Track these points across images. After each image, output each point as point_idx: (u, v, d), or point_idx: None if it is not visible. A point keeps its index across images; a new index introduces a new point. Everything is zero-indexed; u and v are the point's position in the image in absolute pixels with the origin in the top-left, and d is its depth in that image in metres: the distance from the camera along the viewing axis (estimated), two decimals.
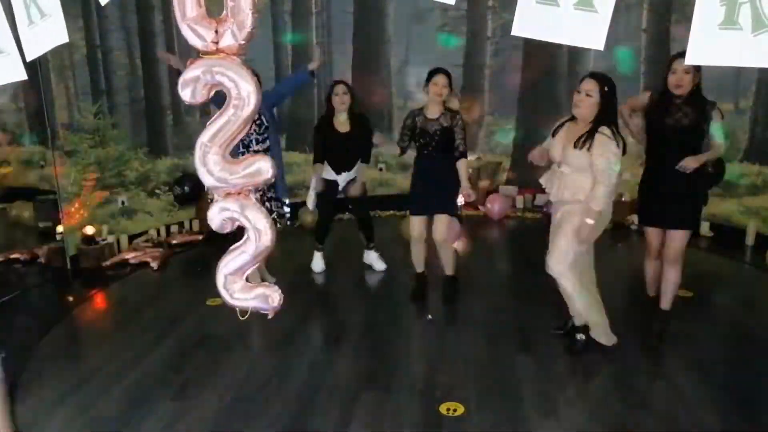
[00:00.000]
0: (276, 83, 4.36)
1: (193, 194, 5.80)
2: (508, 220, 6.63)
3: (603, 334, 3.48)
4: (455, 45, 6.75)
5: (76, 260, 5.08)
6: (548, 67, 6.51)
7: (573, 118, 3.33)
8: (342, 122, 4.61)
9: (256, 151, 4.28)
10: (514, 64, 6.67)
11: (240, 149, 4.00)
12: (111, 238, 5.33)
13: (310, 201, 4.77)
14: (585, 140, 3.16)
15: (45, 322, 4.09)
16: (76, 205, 5.17)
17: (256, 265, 1.58)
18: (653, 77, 6.07)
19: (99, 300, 4.63)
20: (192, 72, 1.41)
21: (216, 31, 1.39)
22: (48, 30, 1.73)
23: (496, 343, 3.68)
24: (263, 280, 4.66)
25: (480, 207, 6.76)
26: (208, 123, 1.45)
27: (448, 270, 4.36)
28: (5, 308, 4.38)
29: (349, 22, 6.61)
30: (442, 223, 4.11)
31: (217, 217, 1.53)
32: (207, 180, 1.48)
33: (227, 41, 1.40)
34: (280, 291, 1.58)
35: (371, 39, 6.71)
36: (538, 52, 6.35)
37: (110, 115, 5.46)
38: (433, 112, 4.03)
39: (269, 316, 1.59)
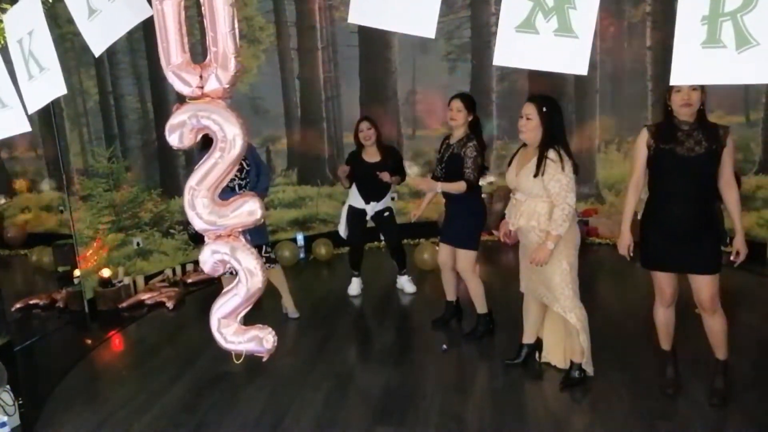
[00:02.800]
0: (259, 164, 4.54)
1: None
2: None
3: (590, 362, 3.40)
4: (461, 73, 6.80)
5: (93, 303, 5.13)
6: (555, 89, 6.51)
7: (525, 144, 3.37)
8: (371, 153, 4.77)
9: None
10: (521, 87, 6.68)
11: (227, 194, 4.07)
12: (127, 280, 5.38)
13: (342, 229, 5.01)
14: (538, 167, 3.15)
15: (62, 366, 4.11)
16: (92, 249, 5.24)
17: (249, 308, 1.57)
18: (660, 95, 6.03)
19: (116, 342, 4.65)
20: (178, 117, 1.43)
21: (200, 76, 1.41)
22: (47, 83, 1.77)
23: (513, 371, 3.61)
24: (287, 314, 4.71)
25: (494, 231, 6.69)
26: (195, 166, 1.46)
27: (478, 307, 4.13)
28: (24, 354, 4.41)
29: (355, 55, 6.70)
30: (461, 256, 4.05)
31: (209, 259, 1.54)
32: (197, 223, 1.48)
33: (212, 85, 1.42)
34: (273, 333, 1.56)
35: (377, 71, 6.79)
36: (543, 74, 6.35)
37: (123, 159, 5.56)
38: (454, 137, 4.00)
39: (264, 359, 1.57)
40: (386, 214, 4.94)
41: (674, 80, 1.37)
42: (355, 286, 5.18)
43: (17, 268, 6.01)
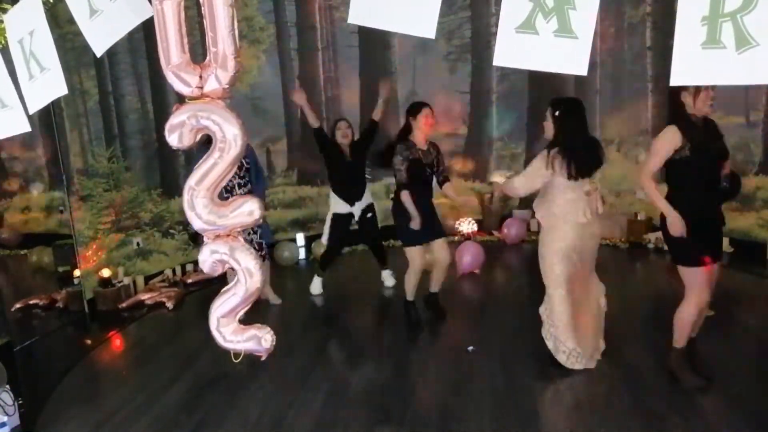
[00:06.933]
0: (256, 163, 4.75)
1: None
2: (524, 244, 6.56)
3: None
4: (461, 73, 6.81)
5: (93, 303, 5.13)
6: (555, 90, 6.51)
7: None
8: (346, 153, 4.83)
9: (239, 194, 4.56)
10: (520, 88, 6.69)
11: (224, 194, 4.17)
12: (127, 280, 5.38)
13: (325, 235, 5.04)
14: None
15: (63, 367, 4.11)
16: (93, 249, 5.24)
17: (248, 307, 1.57)
18: (660, 95, 6.04)
19: (116, 342, 4.65)
20: (178, 117, 1.43)
21: (200, 77, 1.41)
22: (47, 83, 1.77)
23: (513, 370, 3.61)
24: (268, 300, 4.85)
25: (494, 232, 6.71)
26: (195, 167, 1.46)
27: (436, 287, 4.50)
28: (24, 354, 4.41)
29: (355, 56, 6.70)
30: (446, 244, 4.32)
31: (208, 259, 1.54)
32: (196, 223, 1.48)
33: (211, 86, 1.42)
34: (272, 332, 1.56)
35: (377, 71, 6.78)
36: (543, 75, 6.36)
37: (123, 159, 5.56)
38: (422, 143, 4.17)
39: (262, 358, 1.57)
40: (369, 215, 4.98)
41: (674, 81, 1.37)
42: (316, 285, 5.20)
43: (17, 269, 6.01)
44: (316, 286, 5.20)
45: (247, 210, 1.47)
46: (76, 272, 5.16)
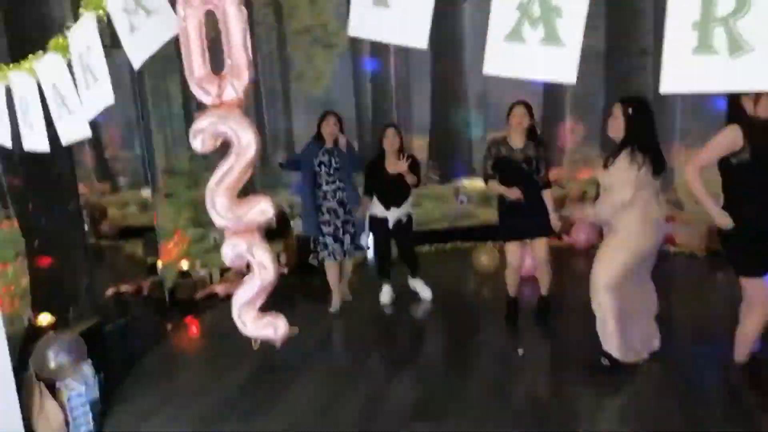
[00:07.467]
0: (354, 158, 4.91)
1: (279, 229, 6.14)
2: (594, 250, 6.35)
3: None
4: None
5: (173, 292, 5.54)
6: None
7: None
8: (391, 162, 4.76)
9: (326, 191, 4.72)
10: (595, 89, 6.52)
11: (313, 189, 4.67)
12: (204, 272, 5.76)
13: (364, 238, 5.00)
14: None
15: (141, 348, 4.49)
16: (174, 242, 5.66)
17: (264, 299, 1.71)
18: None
19: (190, 329, 5.01)
20: (199, 123, 1.59)
21: (219, 86, 1.56)
22: (98, 93, 1.98)
23: (560, 377, 3.57)
24: (344, 298, 5.04)
25: (562, 236, 6.56)
26: (216, 169, 1.62)
27: (544, 290, 4.46)
28: (112, 335, 4.85)
29: (427, 55, 6.76)
30: (543, 244, 4.27)
31: (230, 253, 1.69)
32: (217, 221, 1.64)
33: (229, 95, 1.57)
34: (285, 320, 1.69)
35: (449, 72, 6.83)
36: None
37: (203, 158, 5.94)
38: (517, 141, 4.12)
39: (277, 346, 1.71)
40: (404, 220, 4.87)
41: (664, 88, 1.36)
42: (386, 294, 5.07)
43: (113, 258, 6.57)
44: (385, 294, 5.06)
45: (259, 209, 1.62)
46: (159, 263, 5.60)
